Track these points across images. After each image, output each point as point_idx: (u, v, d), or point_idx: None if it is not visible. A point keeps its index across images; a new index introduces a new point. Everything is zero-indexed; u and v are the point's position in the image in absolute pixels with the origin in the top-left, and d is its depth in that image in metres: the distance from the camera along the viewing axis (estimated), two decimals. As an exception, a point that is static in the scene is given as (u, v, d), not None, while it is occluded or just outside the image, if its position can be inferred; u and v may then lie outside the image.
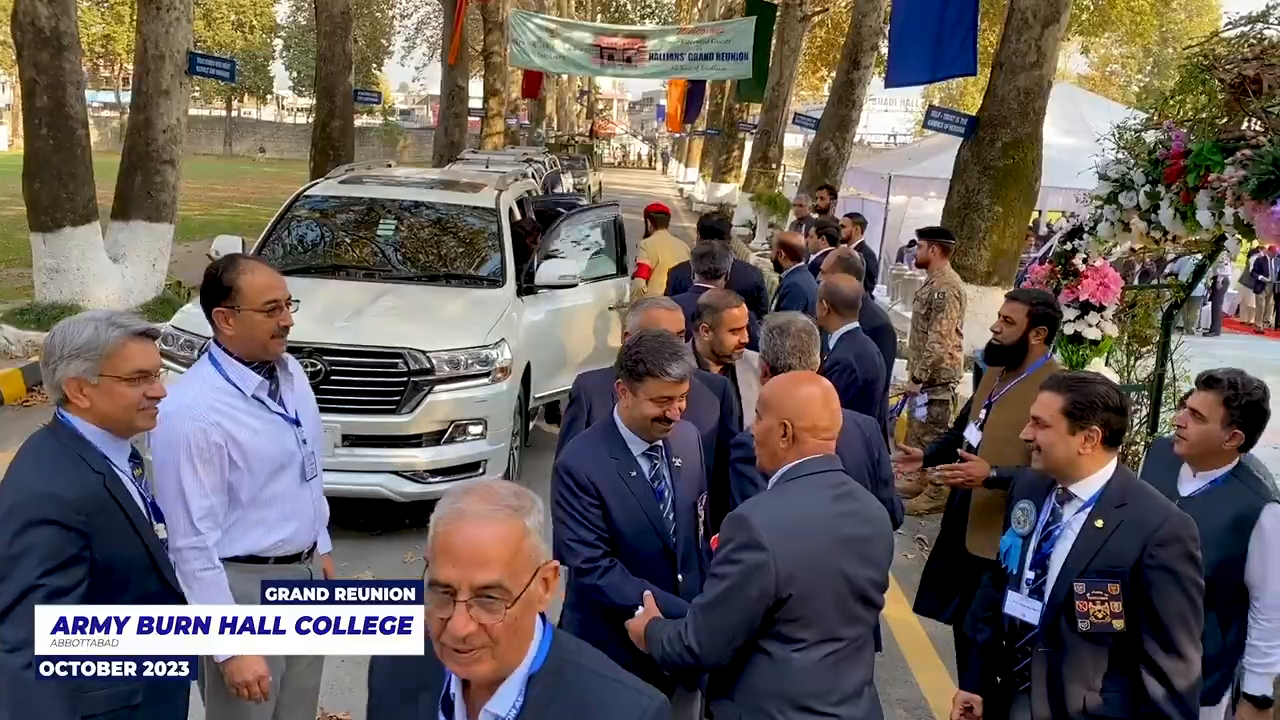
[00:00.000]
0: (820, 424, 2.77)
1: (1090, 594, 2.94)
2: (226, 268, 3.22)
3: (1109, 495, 2.99)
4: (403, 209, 8.23)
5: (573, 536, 3.13)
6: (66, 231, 11.15)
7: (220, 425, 3.11)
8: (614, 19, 49.67)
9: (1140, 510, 2.94)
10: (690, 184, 45.44)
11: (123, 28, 51.75)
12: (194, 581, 3.09)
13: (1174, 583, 2.86)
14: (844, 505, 2.75)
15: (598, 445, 3.24)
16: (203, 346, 6.32)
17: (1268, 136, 3.80)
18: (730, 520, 2.73)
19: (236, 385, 3.18)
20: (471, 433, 6.47)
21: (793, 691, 2.66)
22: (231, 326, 3.19)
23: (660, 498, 3.24)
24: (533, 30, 19.82)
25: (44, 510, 2.47)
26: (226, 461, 3.13)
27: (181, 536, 3.08)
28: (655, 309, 4.00)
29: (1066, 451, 3.01)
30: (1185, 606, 2.87)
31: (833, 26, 35.03)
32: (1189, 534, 2.90)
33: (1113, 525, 2.94)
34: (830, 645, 2.68)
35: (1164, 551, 2.87)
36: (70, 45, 11.22)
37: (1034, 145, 9.44)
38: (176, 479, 3.06)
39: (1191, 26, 48.05)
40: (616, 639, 3.07)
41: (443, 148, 26.53)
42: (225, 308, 3.18)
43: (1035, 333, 4.31)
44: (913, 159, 19.86)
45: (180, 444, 3.06)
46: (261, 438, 3.19)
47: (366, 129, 56.19)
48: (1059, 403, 3.02)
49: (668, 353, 3.14)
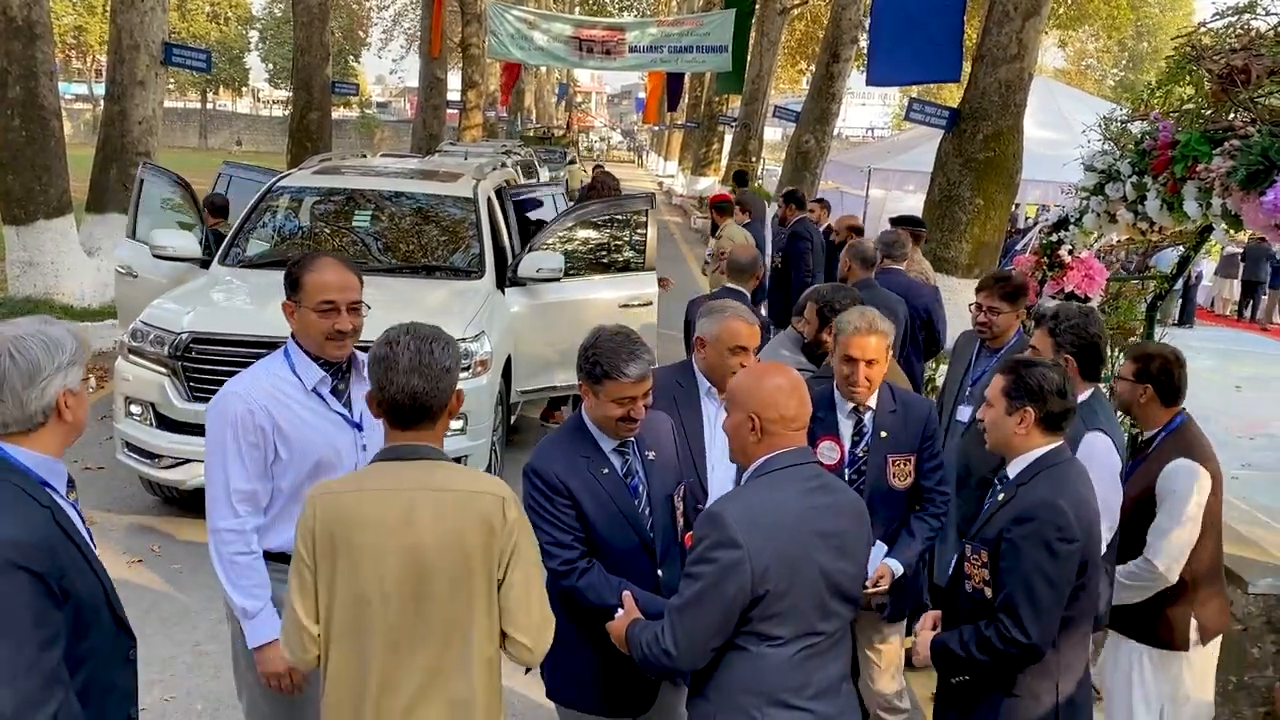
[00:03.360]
0: (788, 415, 2.73)
1: (971, 557, 3.09)
2: (301, 261, 3.27)
3: (1023, 473, 3.07)
4: (379, 199, 8.13)
5: (548, 539, 3.06)
6: (40, 224, 11.02)
7: (268, 410, 3.11)
8: (593, 11, 49.47)
9: (1029, 491, 3.02)
10: (669, 177, 45.40)
11: (95, 18, 51.24)
12: (229, 565, 3.10)
13: (1015, 557, 2.94)
14: (819, 499, 2.71)
15: (566, 445, 3.18)
16: (173, 343, 6.32)
17: (1256, 127, 3.78)
18: (704, 518, 2.70)
19: (299, 377, 3.20)
20: (451, 427, 6.38)
21: (768, 687, 2.64)
22: (294, 321, 3.24)
23: (635, 493, 3.19)
24: (511, 22, 19.69)
25: (11, 556, 2.15)
26: (271, 448, 3.12)
27: (220, 518, 3.10)
28: (736, 321, 3.67)
29: (1005, 431, 3.10)
30: (1022, 582, 2.92)
31: (812, 19, 35.10)
32: (1050, 519, 2.93)
33: (1006, 499, 3.05)
34: (806, 640, 2.66)
35: (1018, 529, 2.95)
36: (43, 35, 11.09)
37: (1015, 138, 9.43)
38: (221, 459, 3.09)
39: (1166, 21, 48.39)
40: (596, 641, 3.05)
41: (421, 140, 26.42)
42: (291, 301, 3.23)
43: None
44: (891, 152, 19.89)
45: (228, 423, 3.09)
46: (310, 430, 3.16)
47: (344, 122, 55.81)
48: (1001, 383, 3.12)
49: (625, 353, 3.07)
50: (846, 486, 2.88)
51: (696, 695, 2.76)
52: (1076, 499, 3.01)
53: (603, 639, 3.03)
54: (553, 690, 3.33)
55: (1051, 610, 2.94)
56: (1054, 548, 2.91)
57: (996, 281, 4.81)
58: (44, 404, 2.33)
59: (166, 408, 6.30)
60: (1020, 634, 2.91)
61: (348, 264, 3.32)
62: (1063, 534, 2.92)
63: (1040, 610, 2.91)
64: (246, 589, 3.11)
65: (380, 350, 2.52)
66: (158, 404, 6.29)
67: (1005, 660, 2.98)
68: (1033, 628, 2.91)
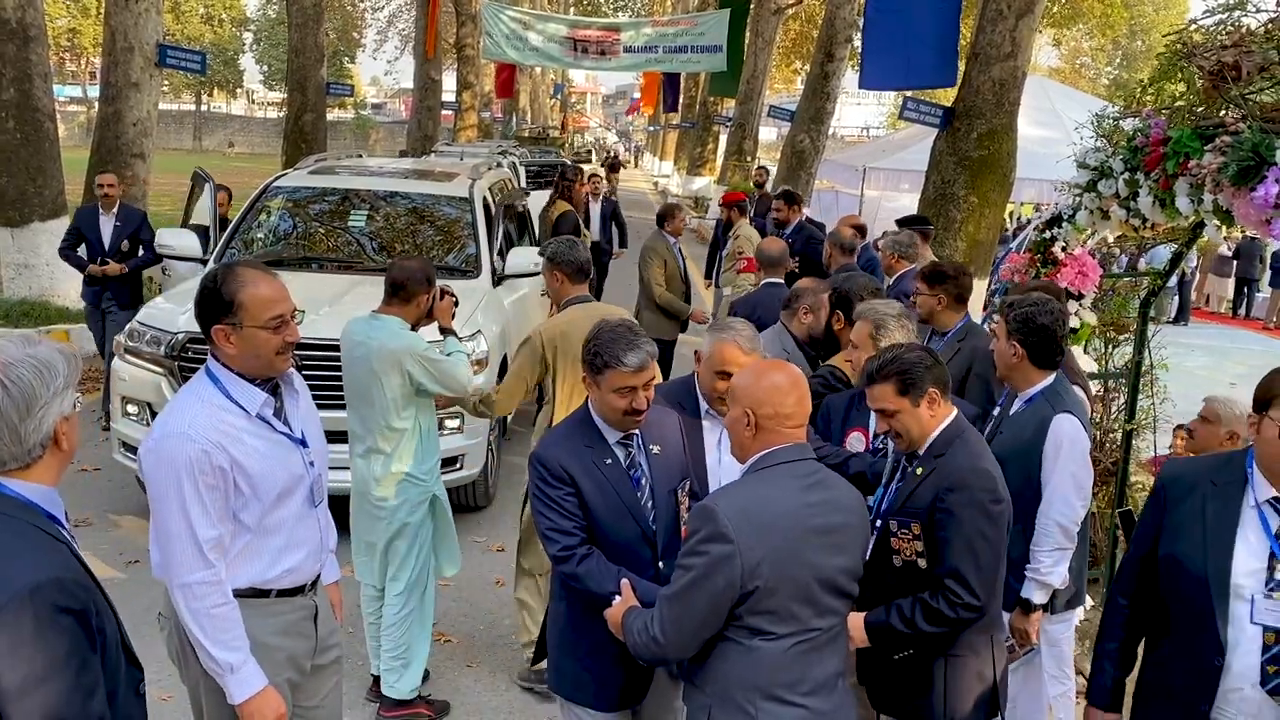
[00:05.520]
0: (784, 412, 2.74)
1: (899, 532, 3.17)
2: (225, 279, 2.90)
3: (934, 446, 3.18)
4: (375, 198, 8.13)
5: (549, 525, 3.13)
6: (35, 226, 11.02)
7: (224, 448, 2.82)
8: (587, 11, 49.52)
9: (949, 460, 3.14)
10: (665, 177, 45.39)
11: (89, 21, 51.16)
12: (206, 620, 2.84)
13: (955, 524, 3.05)
14: (814, 495, 2.72)
15: (572, 435, 3.23)
16: (169, 343, 6.32)
17: (1246, 123, 3.79)
18: (697, 511, 2.72)
19: (239, 404, 2.90)
20: (448, 427, 6.39)
21: (762, 681, 2.65)
22: (234, 345, 2.89)
23: (637, 485, 3.22)
24: (506, 22, 19.68)
25: (56, 599, 2.01)
26: (232, 488, 2.85)
27: (190, 571, 2.82)
28: (730, 346, 3.58)
29: (921, 424, 3.18)
30: (965, 547, 3.04)
31: (806, 19, 35.12)
32: (980, 485, 3.08)
33: (926, 472, 3.14)
34: (800, 636, 2.67)
35: (951, 496, 3.06)
36: (37, 37, 11.09)
37: (1009, 136, 9.44)
38: (180, 508, 2.79)
39: (1160, 19, 48.47)
40: (601, 629, 3.06)
41: (416, 141, 26.39)
42: (226, 324, 2.88)
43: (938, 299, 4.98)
44: (886, 151, 19.92)
45: (181, 469, 2.77)
46: (268, 460, 2.92)
47: (339, 123, 55.80)
48: (891, 388, 3.18)
49: (624, 343, 3.13)
50: (845, 482, 2.89)
51: (692, 687, 2.78)
52: (993, 463, 3.18)
53: (599, 631, 3.05)
54: (555, 685, 3.37)
55: (994, 569, 3.10)
56: (989, 510, 3.06)
57: (928, 264, 5.35)
58: (42, 436, 2.14)
59: (163, 407, 6.30)
60: (971, 597, 3.03)
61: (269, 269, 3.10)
62: (994, 496, 3.08)
63: (984, 571, 3.06)
64: (226, 643, 2.86)
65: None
66: (154, 404, 6.30)
67: (956, 626, 3.08)
68: (981, 590, 3.05)
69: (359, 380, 4.51)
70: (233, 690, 2.89)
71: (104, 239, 8.54)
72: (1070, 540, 3.83)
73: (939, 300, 4.98)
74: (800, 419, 2.78)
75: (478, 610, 5.81)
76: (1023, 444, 3.80)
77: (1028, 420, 3.86)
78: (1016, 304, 3.94)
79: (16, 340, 2.19)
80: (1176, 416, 6.35)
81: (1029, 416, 3.86)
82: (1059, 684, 4.21)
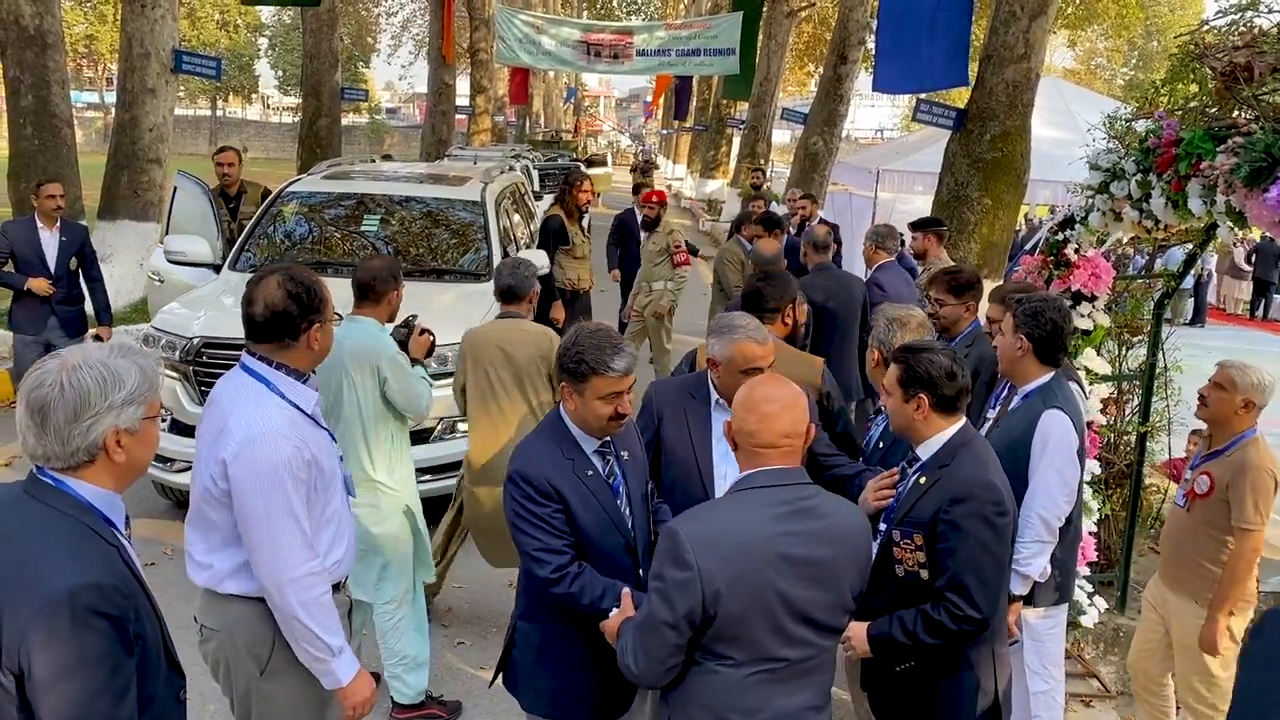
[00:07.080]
0: (763, 440, 2.61)
1: (902, 542, 3.15)
2: (311, 284, 3.08)
3: (938, 456, 3.17)
4: (388, 203, 8.17)
5: (539, 546, 3.02)
6: (51, 231, 11.04)
7: (306, 444, 2.94)
8: (600, 15, 49.54)
9: (954, 471, 3.10)
10: (678, 180, 45.40)
11: (106, 27, 51.39)
12: (317, 608, 2.92)
13: (958, 536, 3.02)
14: (793, 524, 2.56)
15: (551, 447, 3.12)
16: (184, 348, 6.35)
17: (1259, 124, 3.78)
18: (663, 533, 2.62)
19: (294, 403, 3.00)
20: (460, 429, 6.41)
21: (718, 705, 2.58)
22: (318, 341, 3.10)
23: (617, 494, 3.17)
24: (519, 27, 19.70)
25: (93, 603, 2.04)
26: (313, 481, 2.97)
27: (300, 564, 2.89)
28: (748, 343, 3.57)
29: (905, 417, 3.22)
30: (968, 560, 3.01)
31: (819, 21, 35.08)
32: (986, 497, 3.04)
33: (931, 483, 3.12)
34: (762, 665, 2.56)
35: (956, 508, 3.03)
36: (54, 44, 11.18)
37: (1022, 138, 9.42)
38: (285, 505, 2.86)
39: (1175, 20, 48.21)
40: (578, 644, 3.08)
41: (430, 145, 26.52)
42: (317, 320, 3.07)
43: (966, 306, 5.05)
44: (900, 153, 19.83)
45: (281, 467, 2.85)
46: (325, 454, 3.03)
47: (353, 127, 55.98)
48: (895, 373, 3.24)
49: (609, 348, 3.06)
50: (846, 512, 2.70)
51: (662, 700, 2.75)
52: (999, 474, 3.14)
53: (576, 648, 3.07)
54: (532, 705, 3.30)
55: (997, 582, 3.08)
56: (994, 522, 3.03)
57: (945, 274, 5.24)
58: (87, 442, 2.14)
59: (179, 412, 6.35)
60: (973, 610, 3.00)
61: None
62: (999, 508, 3.05)
63: (988, 584, 3.03)
64: (332, 628, 2.97)
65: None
66: (170, 408, 6.34)
67: (958, 639, 3.05)
68: (983, 602, 3.01)
69: (331, 382, 4.39)
70: (338, 673, 3.01)
71: (47, 258, 7.64)
72: (1052, 535, 3.84)
73: (966, 307, 5.09)
74: (790, 441, 2.63)
75: (490, 612, 5.82)
76: (1013, 438, 3.83)
77: (1020, 415, 3.90)
78: (1026, 299, 3.96)
79: (109, 347, 2.23)
80: (1191, 419, 6.30)
81: (1022, 411, 3.91)
82: (1042, 681, 4.18)
